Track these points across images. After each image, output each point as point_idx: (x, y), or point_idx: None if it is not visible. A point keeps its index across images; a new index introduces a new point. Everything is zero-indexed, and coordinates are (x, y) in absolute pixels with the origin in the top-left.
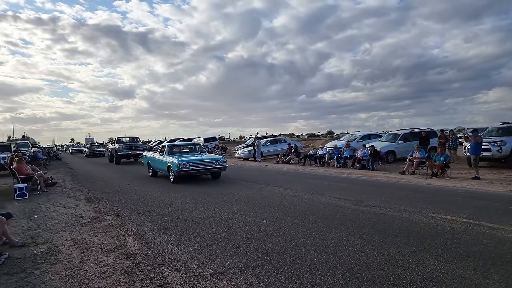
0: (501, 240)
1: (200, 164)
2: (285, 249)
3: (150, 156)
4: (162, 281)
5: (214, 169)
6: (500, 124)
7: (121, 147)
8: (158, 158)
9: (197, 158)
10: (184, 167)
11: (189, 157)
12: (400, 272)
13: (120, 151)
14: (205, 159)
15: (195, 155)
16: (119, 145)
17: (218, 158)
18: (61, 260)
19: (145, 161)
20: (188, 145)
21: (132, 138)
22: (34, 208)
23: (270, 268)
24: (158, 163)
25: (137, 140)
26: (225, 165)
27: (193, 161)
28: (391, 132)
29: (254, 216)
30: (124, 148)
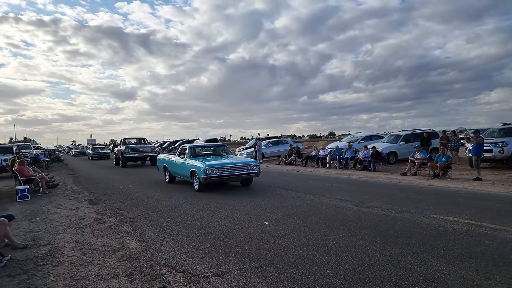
0: (503, 241)
1: (231, 169)
2: (287, 250)
3: (167, 159)
4: (164, 283)
5: (246, 174)
6: (502, 125)
7: (128, 149)
8: (178, 162)
9: (227, 161)
10: (212, 173)
11: (217, 161)
12: (402, 273)
13: (127, 154)
14: (236, 163)
15: (222, 158)
16: (125, 146)
17: (250, 162)
18: (63, 261)
19: (161, 164)
20: (212, 146)
21: (139, 139)
22: (36, 210)
23: (272, 270)
24: (178, 168)
25: (144, 141)
26: (259, 169)
27: (222, 166)
28: (392, 133)
29: (255, 217)
30: (131, 150)
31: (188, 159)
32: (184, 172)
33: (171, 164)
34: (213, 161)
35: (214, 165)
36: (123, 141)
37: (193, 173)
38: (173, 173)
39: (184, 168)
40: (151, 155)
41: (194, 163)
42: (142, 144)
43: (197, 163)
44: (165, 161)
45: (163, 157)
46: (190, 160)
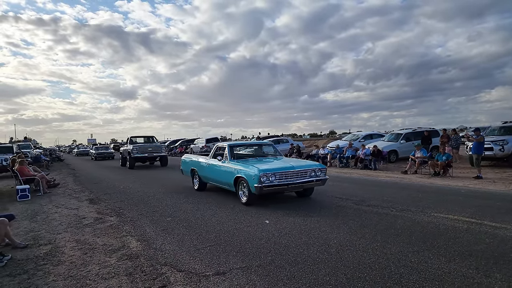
0: (503, 239)
1: (291, 176)
2: (287, 249)
3: (197, 161)
4: (164, 282)
5: (309, 183)
6: (502, 123)
7: (135, 148)
8: (215, 165)
9: (285, 165)
10: (268, 181)
11: (271, 164)
12: (402, 272)
13: (135, 154)
14: (297, 168)
15: (271, 160)
16: (132, 146)
17: (314, 165)
18: (64, 261)
19: (187, 168)
20: (255, 144)
21: (147, 138)
22: (37, 210)
23: (272, 268)
24: (213, 172)
25: (153, 140)
26: (325, 176)
27: (281, 171)
28: (393, 132)
29: (256, 216)
30: (139, 149)
31: (230, 162)
32: (225, 178)
33: (203, 167)
34: (265, 164)
35: (270, 170)
36: (130, 140)
37: (238, 181)
38: (205, 178)
39: (224, 173)
40: (161, 155)
41: (239, 167)
42: (151, 143)
43: (245, 167)
44: (193, 163)
45: (190, 158)
46: (232, 163)
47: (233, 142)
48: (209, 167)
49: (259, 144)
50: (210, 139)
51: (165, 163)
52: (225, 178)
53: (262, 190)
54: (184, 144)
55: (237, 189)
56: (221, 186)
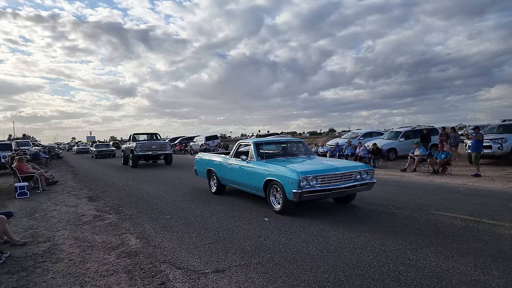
0: (501, 237)
1: (336, 179)
2: (286, 246)
3: (215, 161)
4: (163, 279)
5: (354, 188)
6: (501, 121)
7: (139, 146)
8: (238, 166)
9: (329, 166)
10: (309, 185)
11: (312, 165)
12: (401, 269)
13: (138, 151)
14: (343, 169)
15: (305, 160)
16: (135, 143)
17: (360, 167)
18: (62, 258)
19: (202, 168)
20: (283, 142)
21: (151, 135)
22: (35, 207)
23: (271, 266)
24: (237, 174)
25: (157, 137)
26: (371, 179)
27: (323, 173)
28: (392, 130)
29: (256, 213)
30: (142, 147)
31: (258, 162)
32: (251, 181)
33: (222, 168)
34: (302, 165)
35: (311, 172)
36: (133, 137)
37: (270, 185)
38: (224, 181)
39: (250, 175)
40: (165, 152)
41: (271, 168)
42: (155, 140)
43: (279, 168)
44: (210, 163)
45: (207, 157)
46: (261, 164)
47: (258, 139)
48: (231, 168)
49: (288, 141)
50: (210, 137)
51: (169, 162)
52: (252, 181)
53: (302, 197)
54: (184, 142)
55: (267, 194)
56: (245, 189)
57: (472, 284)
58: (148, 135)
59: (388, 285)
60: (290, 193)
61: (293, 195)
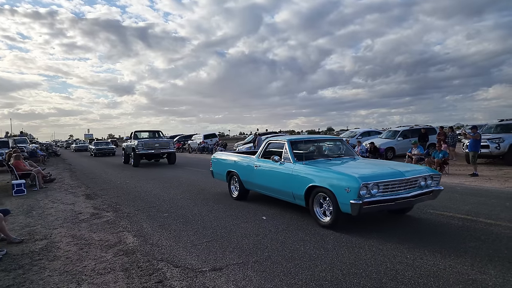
0: (498, 236)
1: (400, 186)
2: (284, 245)
3: (238, 162)
4: (161, 277)
5: (421, 197)
6: (499, 121)
7: (141, 144)
8: (269, 168)
9: (391, 170)
10: (369, 194)
11: (368, 169)
12: (398, 268)
13: (140, 150)
14: (408, 174)
15: (350, 162)
16: (137, 141)
17: (425, 171)
18: (59, 256)
19: (221, 170)
20: (320, 140)
21: (153, 132)
22: (32, 205)
23: (269, 264)
24: (268, 178)
25: (159, 135)
26: (438, 186)
27: (387, 179)
28: (390, 129)
29: (253, 212)
30: (144, 145)
31: (296, 165)
32: (287, 187)
33: (248, 170)
34: (355, 168)
35: (371, 177)
36: (135, 134)
37: (314, 192)
38: (250, 185)
39: (286, 180)
40: (169, 151)
41: (315, 172)
42: (157, 138)
43: (327, 172)
44: (231, 164)
45: (226, 157)
46: (300, 167)
47: (293, 136)
48: (259, 170)
49: (326, 139)
50: (208, 135)
51: (173, 161)
52: (288, 187)
53: (362, 209)
54: (182, 140)
55: (311, 204)
56: (276, 196)
57: (469, 283)
58: (150, 132)
59: (385, 284)
60: (345, 204)
61: (351, 207)
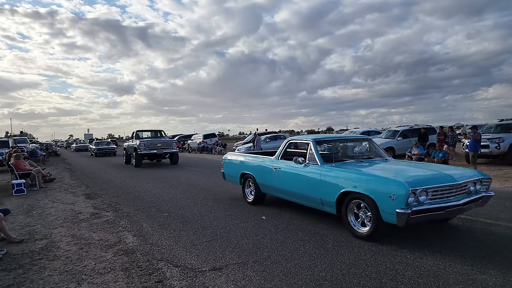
0: (498, 236)
1: (450, 193)
2: (283, 244)
3: (255, 163)
4: (160, 277)
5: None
6: (499, 121)
7: (143, 144)
8: (292, 171)
9: (438, 173)
10: (417, 202)
11: (414, 172)
12: (398, 268)
13: (142, 150)
14: (459, 178)
15: (382, 163)
16: (139, 141)
17: (474, 175)
18: (59, 256)
19: (234, 172)
20: (351, 140)
21: (155, 132)
22: (32, 204)
23: (268, 264)
24: (290, 182)
25: (161, 134)
26: (488, 191)
27: (436, 184)
28: (390, 129)
29: (253, 212)
30: (146, 145)
31: (324, 168)
32: (314, 192)
33: (266, 172)
34: (396, 171)
35: (420, 182)
36: (136, 134)
37: (348, 199)
38: (268, 188)
39: (313, 185)
40: (171, 151)
41: (350, 176)
42: (160, 137)
43: (365, 176)
44: (246, 166)
45: (241, 158)
46: (329, 170)
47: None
48: (279, 173)
49: (354, 138)
50: (208, 135)
51: (175, 161)
52: (316, 193)
53: (410, 219)
54: (182, 140)
55: (344, 213)
56: (299, 202)
57: (469, 283)
58: (152, 132)
59: (385, 283)
60: (388, 213)
61: (397, 217)
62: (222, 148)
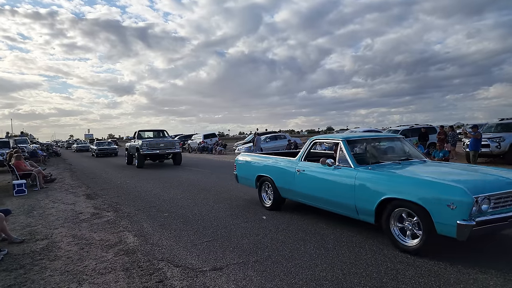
0: (499, 236)
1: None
2: (284, 244)
3: (274, 165)
4: (161, 277)
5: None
6: (499, 120)
7: (145, 144)
8: (319, 174)
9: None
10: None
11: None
12: (398, 268)
13: (144, 150)
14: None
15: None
16: (141, 141)
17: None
18: (60, 256)
19: (250, 174)
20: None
21: (158, 132)
22: (33, 205)
23: (269, 264)
24: (316, 186)
25: (164, 134)
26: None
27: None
28: (390, 128)
29: (253, 212)
30: (149, 145)
31: (359, 171)
32: (348, 199)
33: (286, 175)
34: (448, 175)
35: (481, 188)
36: (139, 134)
37: (391, 208)
38: (290, 193)
39: (346, 190)
40: (174, 151)
41: (397, 181)
42: (162, 137)
43: (416, 181)
44: (263, 167)
45: (256, 159)
46: (367, 173)
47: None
48: (303, 176)
49: (387, 137)
50: (208, 135)
51: (178, 162)
52: (350, 199)
53: (473, 231)
54: (182, 140)
55: (385, 223)
56: (329, 209)
57: (470, 282)
58: (154, 132)
59: (386, 283)
60: (445, 225)
61: (457, 230)
62: (222, 148)
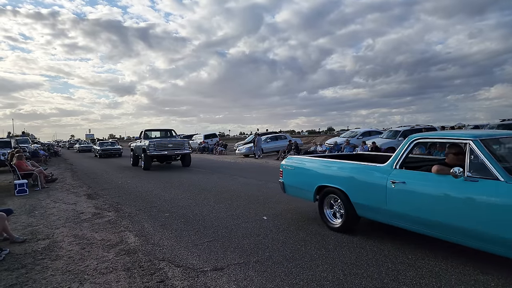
0: None
1: None
2: (285, 245)
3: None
4: (162, 277)
5: None
6: (501, 121)
7: (152, 144)
8: (430, 188)
9: None
10: None
11: None
12: (399, 268)
13: (151, 151)
14: None
15: None
16: (148, 141)
17: None
18: (62, 256)
19: (307, 183)
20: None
21: (165, 132)
22: (35, 204)
23: (270, 264)
24: (425, 205)
25: (171, 134)
26: None
27: None
28: (391, 129)
29: (254, 212)
30: (156, 146)
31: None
32: (495, 227)
33: (370, 188)
34: None
35: None
36: (145, 134)
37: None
38: (381, 213)
39: (491, 215)
40: (183, 152)
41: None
42: (170, 137)
43: None
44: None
45: (317, 164)
46: None
47: (482, 132)
48: (404, 190)
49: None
50: (208, 135)
51: (188, 163)
52: (500, 229)
53: None
54: None
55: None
56: (451, 239)
57: (471, 283)
58: (161, 131)
59: (387, 284)
60: None
61: None
62: (223, 148)
